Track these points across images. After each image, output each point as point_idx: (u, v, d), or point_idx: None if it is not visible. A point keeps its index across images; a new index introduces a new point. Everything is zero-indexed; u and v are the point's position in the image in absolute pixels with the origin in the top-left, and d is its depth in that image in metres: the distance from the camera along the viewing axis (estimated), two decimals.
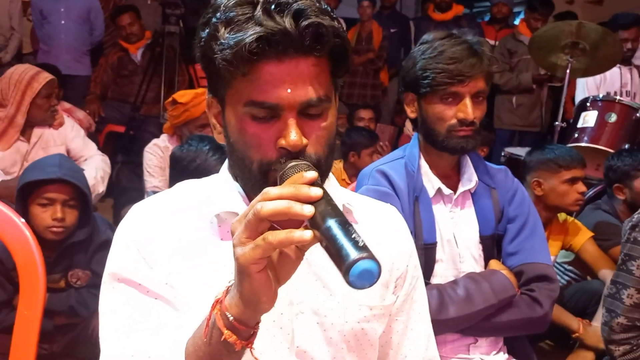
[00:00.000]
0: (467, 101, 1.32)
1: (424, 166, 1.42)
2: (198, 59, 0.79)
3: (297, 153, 0.74)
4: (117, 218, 3.28)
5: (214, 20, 0.74)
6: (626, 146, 2.91)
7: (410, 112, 1.43)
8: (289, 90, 0.73)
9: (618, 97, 3.14)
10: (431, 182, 1.41)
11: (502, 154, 3.55)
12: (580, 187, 2.10)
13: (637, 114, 3.00)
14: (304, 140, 0.74)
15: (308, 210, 0.61)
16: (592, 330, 1.99)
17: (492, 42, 4.56)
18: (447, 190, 1.40)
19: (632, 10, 3.88)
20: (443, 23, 4.51)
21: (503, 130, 4.32)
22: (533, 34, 3.40)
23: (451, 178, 1.43)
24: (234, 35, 0.71)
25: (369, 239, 0.89)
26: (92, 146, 2.69)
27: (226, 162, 0.87)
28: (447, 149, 1.37)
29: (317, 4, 0.73)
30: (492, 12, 4.86)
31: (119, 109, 4.15)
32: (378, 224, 0.92)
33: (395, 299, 0.91)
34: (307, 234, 0.60)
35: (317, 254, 0.65)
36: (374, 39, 5.02)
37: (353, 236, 0.60)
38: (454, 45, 1.32)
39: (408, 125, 4.39)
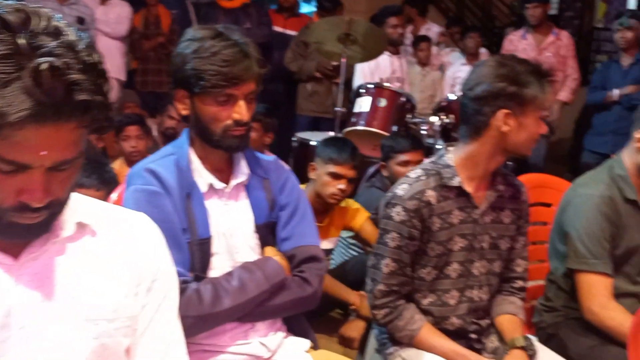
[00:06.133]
0: (242, 103, 1.36)
1: (195, 162, 1.43)
2: None
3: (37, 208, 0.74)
4: None
5: None
6: (395, 128, 3.27)
7: (182, 109, 1.42)
8: (44, 153, 0.70)
9: (387, 84, 3.50)
10: (203, 177, 1.43)
11: (294, 138, 3.74)
12: (341, 184, 2.25)
13: (402, 99, 3.38)
14: (46, 201, 0.74)
15: None
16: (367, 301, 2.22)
17: (280, 30, 4.74)
18: (219, 185, 1.44)
19: None
20: (231, 11, 4.53)
21: (303, 116, 4.53)
22: (310, 27, 3.62)
23: (224, 172, 1.47)
24: None
25: (108, 250, 0.89)
26: None
27: None
28: (223, 147, 1.40)
29: (88, 59, 0.71)
30: (279, 1, 5.02)
31: None
32: (121, 234, 0.91)
33: (140, 310, 0.91)
34: None
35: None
36: (162, 22, 4.87)
37: None
38: (226, 47, 1.34)
39: None
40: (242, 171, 1.47)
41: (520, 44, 4.39)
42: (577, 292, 1.74)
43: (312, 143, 3.54)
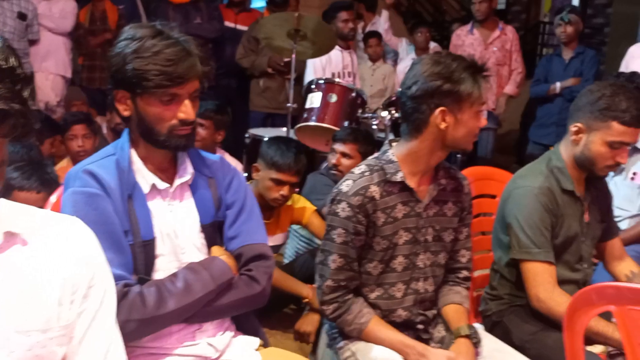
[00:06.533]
0: (187, 102, 1.34)
1: (137, 162, 1.41)
2: None
3: None
4: None
5: None
6: (346, 123, 3.29)
7: (123, 110, 1.39)
8: None
9: (337, 79, 3.51)
10: (145, 178, 1.40)
11: (247, 135, 3.72)
12: (284, 190, 2.25)
13: (353, 94, 3.40)
14: None
15: None
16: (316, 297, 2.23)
17: (232, 25, 4.69)
18: (162, 185, 1.41)
19: None
20: (181, 5, 4.45)
21: (256, 112, 4.51)
22: (259, 22, 3.60)
23: (168, 171, 1.44)
24: None
25: (40, 258, 0.86)
26: None
27: None
28: (169, 147, 1.38)
29: (1, 63, 0.70)
30: None
31: None
32: (54, 241, 0.89)
33: (76, 317, 0.89)
34: None
35: None
36: (109, 18, 4.75)
37: None
38: (168, 46, 1.31)
39: None
40: (187, 170, 1.45)
41: (467, 38, 4.49)
42: (523, 281, 1.79)
43: (266, 139, 3.53)
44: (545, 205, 1.76)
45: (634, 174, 2.49)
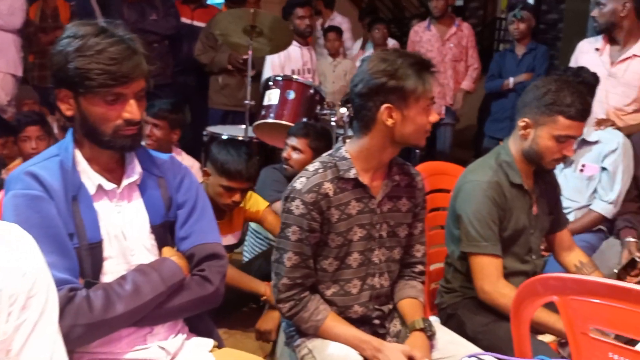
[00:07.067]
0: (132, 101, 1.32)
1: (82, 163, 1.37)
2: None
3: None
4: None
5: None
6: (304, 120, 3.28)
7: (66, 109, 1.35)
8: None
9: (295, 76, 3.50)
10: (91, 178, 1.37)
11: (204, 133, 3.68)
12: (235, 197, 2.24)
13: (311, 91, 3.40)
14: None
15: None
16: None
17: (188, 21, 4.62)
18: (109, 186, 1.38)
19: None
20: (136, 2, 4.35)
21: (215, 110, 4.45)
22: (215, 18, 3.56)
23: (115, 172, 1.42)
24: None
25: None
26: None
27: None
28: (115, 148, 1.35)
29: None
30: None
31: None
32: None
33: (14, 331, 0.86)
34: None
35: None
36: (61, 14, 4.62)
37: None
38: (112, 44, 1.28)
39: None
40: (135, 170, 1.42)
41: (425, 35, 4.54)
42: (471, 273, 1.83)
43: (224, 137, 3.49)
44: (493, 200, 1.80)
45: (583, 165, 2.57)
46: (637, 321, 1.05)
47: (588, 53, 2.98)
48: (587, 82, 2.37)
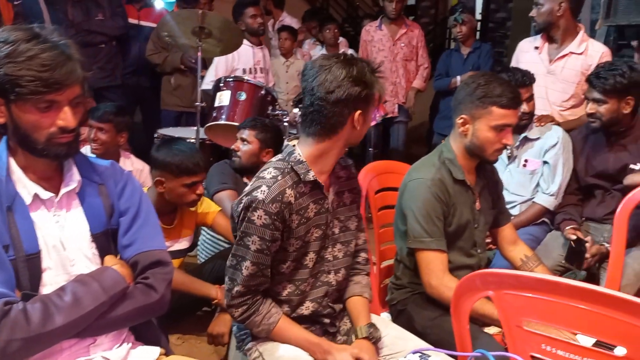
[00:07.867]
0: (67, 109, 1.28)
1: (17, 172, 1.33)
2: None
3: None
4: None
5: None
6: None
7: None
8: None
9: (246, 77, 3.49)
10: (26, 187, 1.33)
11: (155, 135, 3.62)
12: (199, 190, 2.23)
13: (262, 92, 3.39)
14: None
15: None
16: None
17: (135, 21, 4.53)
18: (45, 195, 1.35)
19: None
20: (81, 1, 4.24)
21: (168, 111, 4.39)
22: (163, 19, 3.50)
23: (53, 180, 1.38)
24: None
25: None
26: None
27: None
28: (49, 156, 1.32)
29: None
30: None
31: None
32: None
33: None
34: None
35: None
36: (4, 15, 4.44)
37: None
38: (45, 50, 1.24)
39: None
40: (73, 178, 1.39)
41: (376, 34, 4.58)
42: (418, 269, 1.86)
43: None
44: (437, 196, 1.84)
45: (526, 161, 2.65)
46: (566, 313, 1.10)
47: (528, 52, 3.07)
48: (517, 80, 2.45)
